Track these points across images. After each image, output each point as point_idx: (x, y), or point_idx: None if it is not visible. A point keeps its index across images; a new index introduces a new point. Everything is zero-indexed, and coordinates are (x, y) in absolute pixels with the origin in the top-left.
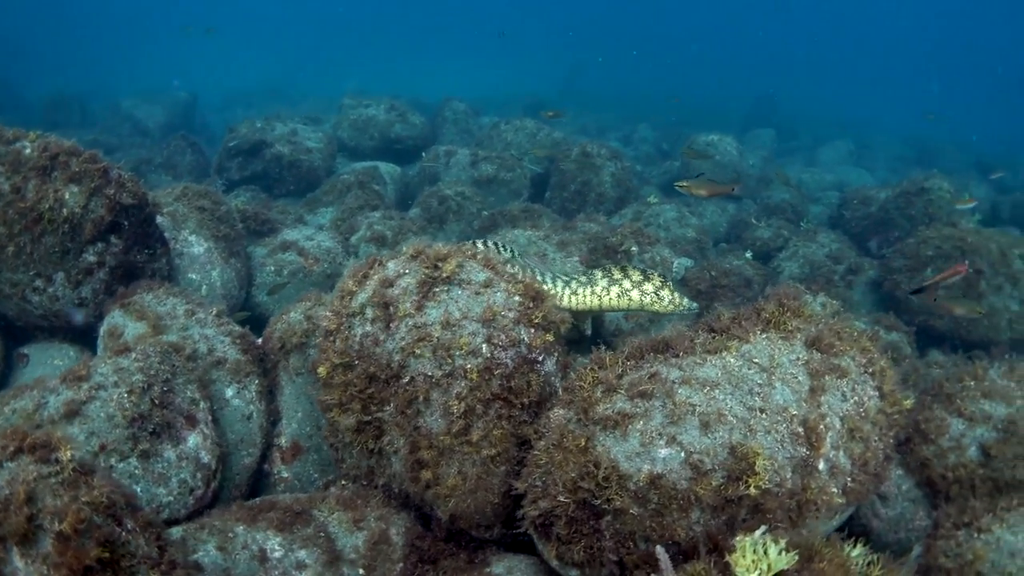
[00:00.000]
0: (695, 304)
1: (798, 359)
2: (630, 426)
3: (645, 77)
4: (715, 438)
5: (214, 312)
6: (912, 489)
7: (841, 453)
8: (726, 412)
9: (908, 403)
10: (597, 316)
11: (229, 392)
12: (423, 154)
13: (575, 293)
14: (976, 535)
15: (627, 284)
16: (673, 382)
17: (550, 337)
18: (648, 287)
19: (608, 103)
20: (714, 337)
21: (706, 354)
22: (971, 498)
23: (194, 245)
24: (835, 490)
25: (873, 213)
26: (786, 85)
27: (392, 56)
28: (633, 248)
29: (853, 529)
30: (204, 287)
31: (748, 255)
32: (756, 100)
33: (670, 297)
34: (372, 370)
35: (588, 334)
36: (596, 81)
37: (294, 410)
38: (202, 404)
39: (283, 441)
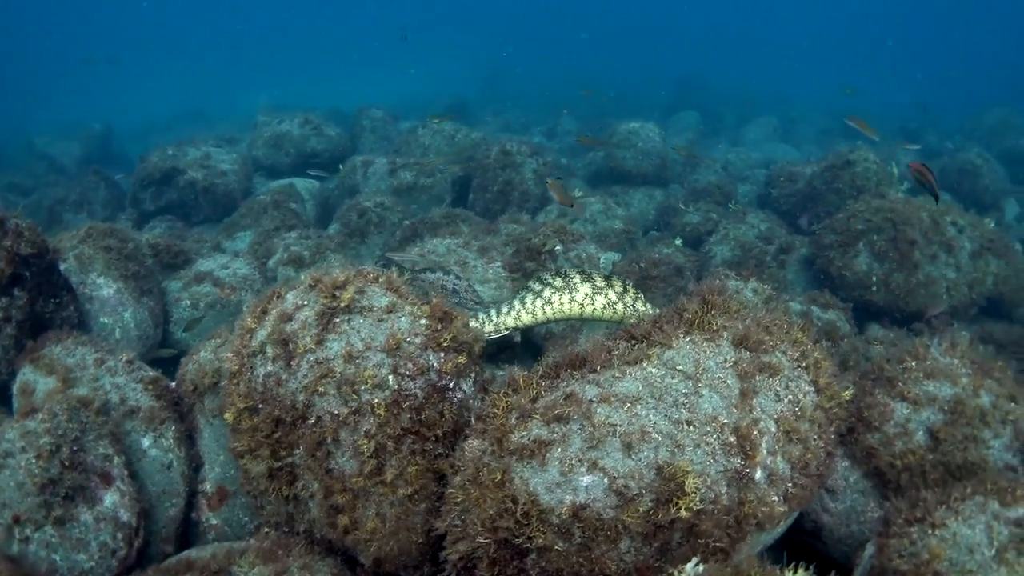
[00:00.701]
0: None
1: (725, 361)
2: (548, 454)
3: (567, 69)
4: (640, 459)
5: (124, 359)
6: (860, 480)
7: (779, 458)
8: (650, 429)
9: (847, 395)
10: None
11: (146, 442)
12: (339, 167)
13: (549, 302)
14: (931, 531)
15: (612, 295)
16: (591, 401)
17: (462, 359)
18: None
19: (532, 98)
20: (634, 345)
21: (625, 366)
22: (922, 490)
23: (103, 288)
24: (776, 499)
25: (800, 190)
26: (710, 65)
27: (311, 67)
28: (557, 247)
29: (803, 525)
30: (118, 330)
31: (678, 242)
32: (680, 82)
33: (637, 307)
34: (277, 413)
35: (516, 341)
36: (519, 76)
37: (216, 454)
38: (116, 460)
39: (208, 487)
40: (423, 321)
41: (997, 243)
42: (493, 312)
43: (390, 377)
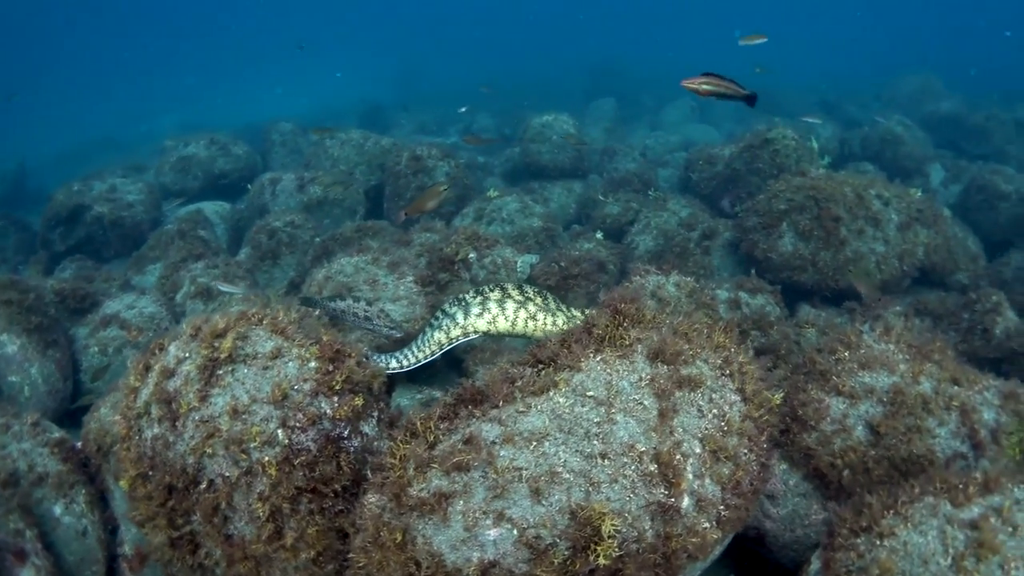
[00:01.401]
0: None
1: (641, 380)
2: (450, 508)
3: (483, 65)
4: (551, 504)
5: (29, 421)
6: (801, 483)
7: (707, 481)
8: (560, 469)
9: (777, 399)
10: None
11: (58, 509)
12: (248, 187)
13: (533, 317)
14: (879, 542)
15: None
16: (493, 443)
17: (359, 401)
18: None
19: (447, 96)
20: (540, 371)
21: (531, 397)
22: (866, 494)
23: (7, 345)
24: (707, 525)
25: (720, 172)
26: (626, 50)
27: (224, 82)
28: (471, 255)
29: (746, 533)
30: (26, 388)
31: (599, 235)
32: (596, 69)
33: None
34: (168, 479)
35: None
36: (434, 75)
37: None
38: (29, 533)
39: (127, 549)
40: (312, 364)
41: (925, 212)
42: (408, 352)
43: (279, 432)
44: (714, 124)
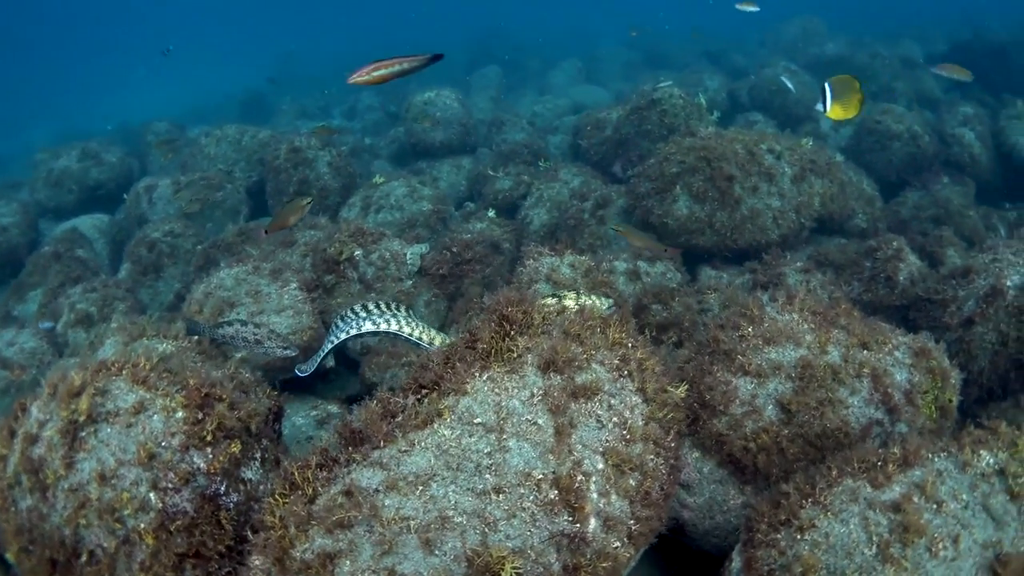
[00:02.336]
0: (610, 300)
1: (533, 396)
2: (337, 570)
3: (364, 40)
4: (444, 554)
5: None
6: (715, 469)
7: (613, 497)
8: (451, 512)
9: (680, 392)
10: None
11: None
12: (124, 196)
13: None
14: (799, 536)
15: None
16: (376, 492)
17: (235, 448)
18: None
19: (328, 78)
20: (422, 399)
21: (414, 433)
22: (782, 484)
23: None
24: (618, 544)
25: (610, 137)
26: (508, 13)
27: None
28: (357, 253)
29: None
30: None
31: (491, 213)
32: (479, 37)
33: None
34: (49, 553)
35: (330, 365)
36: (314, 57)
37: None
38: None
39: None
40: (179, 414)
41: (818, 162)
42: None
43: (151, 495)
44: (602, 84)
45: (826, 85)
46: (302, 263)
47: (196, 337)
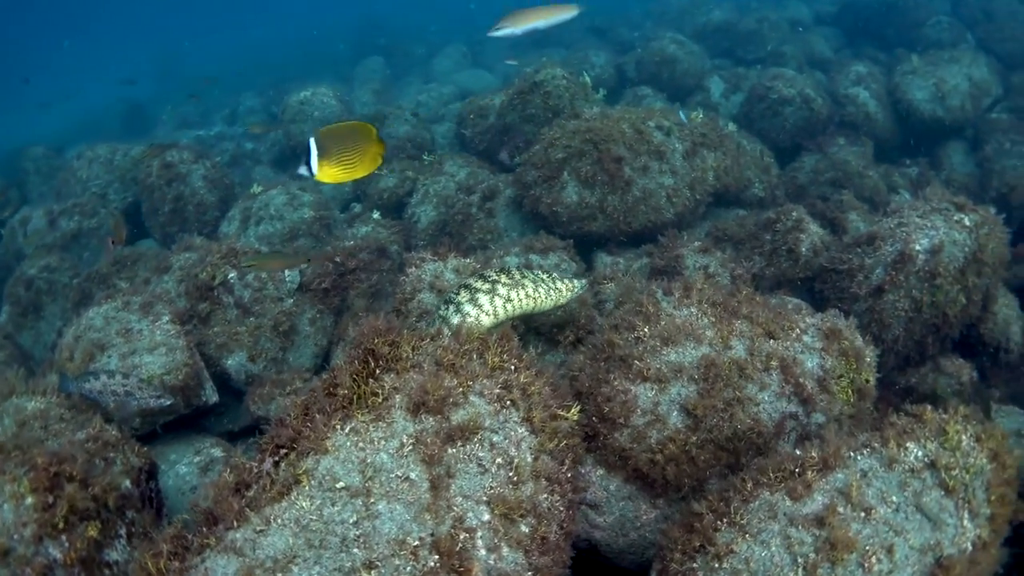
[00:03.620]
0: (583, 281)
1: (403, 446)
2: None
3: (244, 40)
4: None
5: None
6: (623, 486)
7: (505, 550)
8: None
9: (573, 416)
10: None
11: None
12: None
13: (509, 300)
14: (717, 564)
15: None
16: None
17: (93, 530)
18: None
19: (215, 82)
20: (278, 464)
21: (269, 507)
22: (694, 503)
23: None
24: None
25: (494, 124)
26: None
27: None
28: (231, 275)
29: (577, 546)
30: None
31: (376, 215)
32: (361, 27)
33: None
34: None
35: (215, 400)
36: (193, 62)
37: None
38: None
39: None
40: (29, 500)
41: (709, 135)
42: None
43: None
44: (488, 68)
45: (311, 140)
46: (178, 290)
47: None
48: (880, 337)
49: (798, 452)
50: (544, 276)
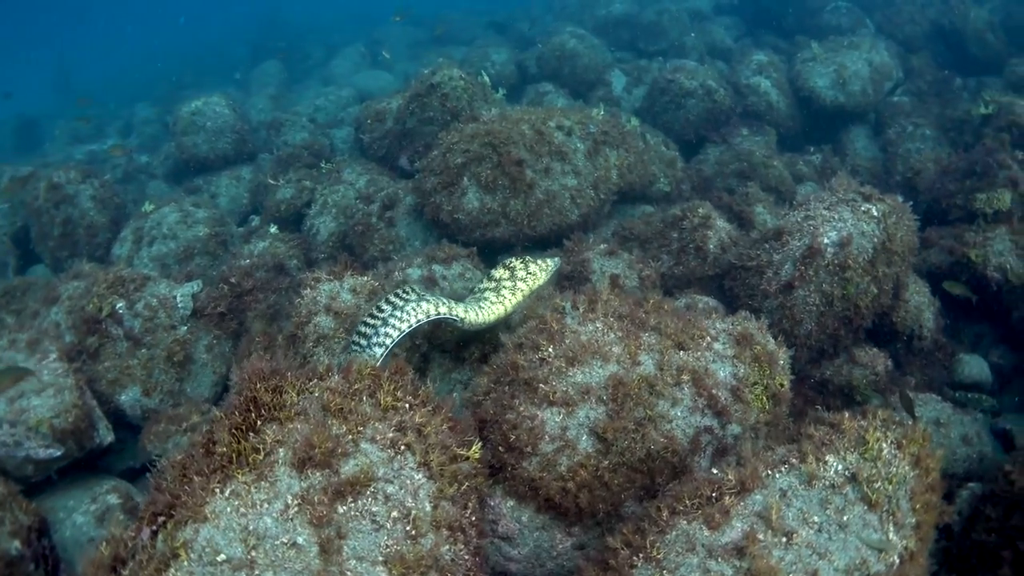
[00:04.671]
0: (557, 259)
1: (288, 507)
2: None
3: (143, 52)
4: None
5: None
6: (535, 516)
7: None
8: None
9: (475, 452)
10: None
11: None
12: None
13: (482, 309)
14: None
15: (521, 274)
16: None
17: None
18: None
19: (105, 94)
20: (156, 533)
21: None
22: (608, 537)
23: None
24: None
25: (392, 129)
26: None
27: None
28: (119, 305)
29: None
30: None
31: (273, 229)
32: (258, 30)
33: (541, 267)
34: None
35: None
36: (93, 75)
37: None
38: None
39: None
40: None
41: (611, 132)
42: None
43: None
44: (387, 68)
45: None
46: (67, 322)
47: None
48: (792, 333)
49: (715, 472)
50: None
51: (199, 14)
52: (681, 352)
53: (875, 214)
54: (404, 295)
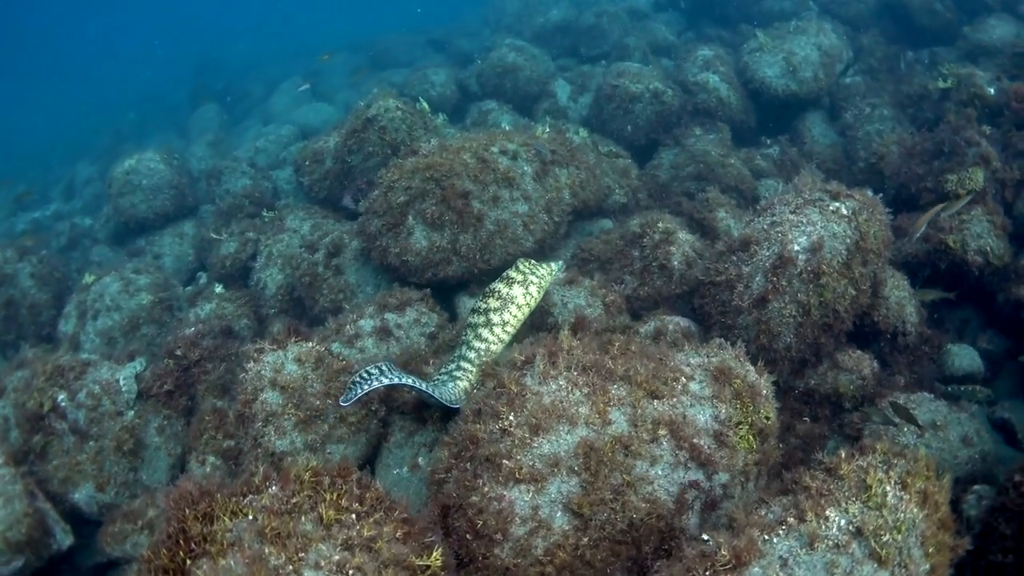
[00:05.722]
0: (560, 262)
1: None
2: None
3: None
4: None
5: None
6: None
7: None
8: None
9: (436, 559)
10: None
11: None
12: None
13: (505, 322)
14: None
15: (533, 280)
16: None
17: None
18: (541, 272)
19: (48, 154)
20: None
21: None
22: None
23: None
24: None
25: (332, 169)
26: (221, 37)
27: None
28: (60, 397)
29: None
30: None
31: (219, 288)
32: (197, 72)
33: (547, 270)
34: None
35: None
36: (31, 135)
37: None
38: None
39: None
40: None
41: (559, 151)
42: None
43: None
44: (328, 99)
45: None
46: (14, 418)
47: None
48: (771, 348)
49: (706, 538)
50: (527, 272)
51: (138, 59)
52: (655, 402)
53: (845, 212)
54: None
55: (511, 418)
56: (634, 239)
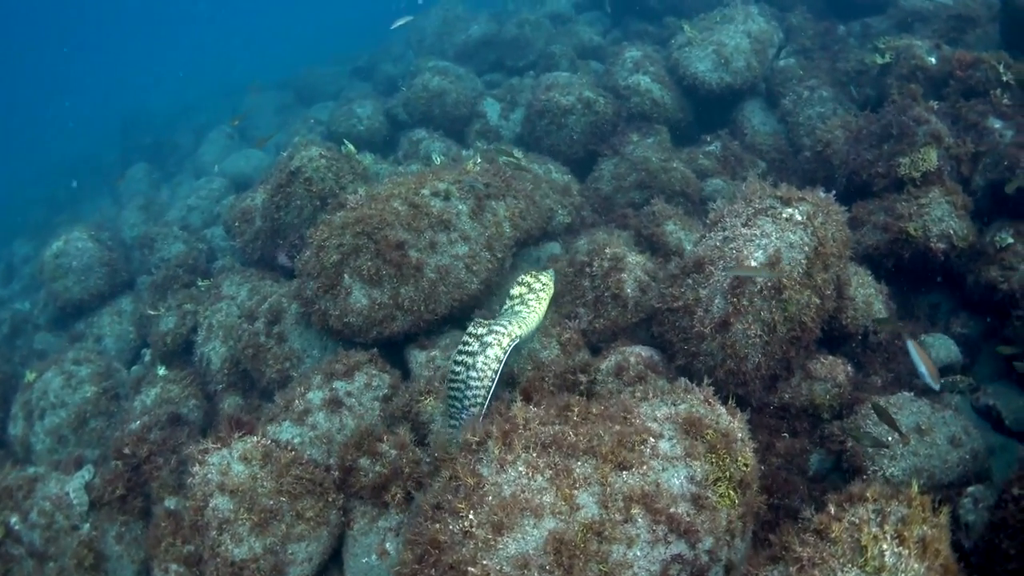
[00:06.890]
0: (551, 271)
1: None
2: None
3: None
4: None
5: None
6: None
7: None
8: None
9: None
10: None
11: None
12: None
13: (524, 319)
14: None
15: (537, 287)
16: None
17: None
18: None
19: None
20: None
21: None
22: None
23: None
24: None
25: (263, 228)
26: (143, 89)
27: None
28: (12, 520)
29: None
30: None
31: (161, 371)
32: (124, 128)
33: (548, 279)
34: None
35: None
36: None
37: None
38: None
39: None
40: None
41: (492, 183)
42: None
43: None
44: (250, 142)
45: None
46: None
47: None
48: (739, 371)
49: None
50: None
51: (57, 123)
52: (624, 474)
53: (799, 219)
54: (467, 348)
55: (471, 517)
56: (582, 267)
